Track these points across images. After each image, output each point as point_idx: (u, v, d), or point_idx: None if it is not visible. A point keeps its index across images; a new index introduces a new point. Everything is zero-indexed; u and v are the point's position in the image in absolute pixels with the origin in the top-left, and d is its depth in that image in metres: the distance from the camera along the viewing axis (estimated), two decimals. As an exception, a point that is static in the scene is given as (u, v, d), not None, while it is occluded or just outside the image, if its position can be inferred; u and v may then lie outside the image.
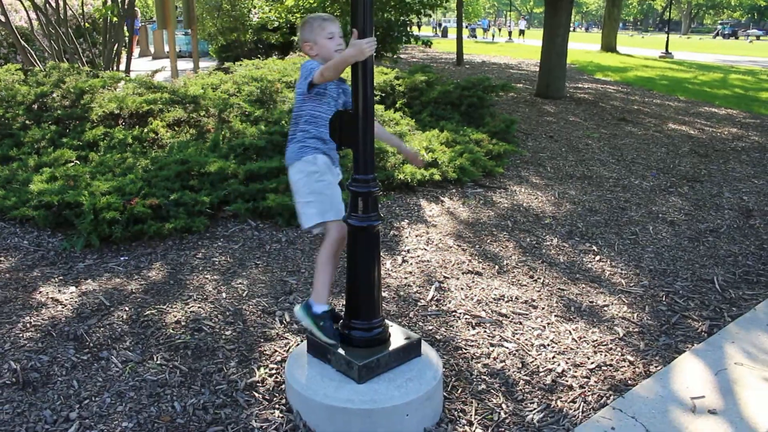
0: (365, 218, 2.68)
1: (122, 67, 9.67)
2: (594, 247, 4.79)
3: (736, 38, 59.98)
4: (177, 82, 7.64)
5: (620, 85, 15.19)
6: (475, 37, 48.30)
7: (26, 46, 9.21)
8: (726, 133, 9.45)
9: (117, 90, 6.79)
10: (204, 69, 11.00)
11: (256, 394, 2.88)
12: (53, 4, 8.92)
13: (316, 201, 2.78)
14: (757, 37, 59.97)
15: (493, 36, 52.05)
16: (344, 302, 2.86)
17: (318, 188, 2.79)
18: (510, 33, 51.57)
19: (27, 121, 6.17)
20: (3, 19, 8.77)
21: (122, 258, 4.24)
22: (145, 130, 5.92)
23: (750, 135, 9.41)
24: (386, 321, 2.86)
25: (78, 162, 5.35)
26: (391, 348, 2.75)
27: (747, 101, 13.10)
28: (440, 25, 56.99)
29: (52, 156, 5.33)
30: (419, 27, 39.85)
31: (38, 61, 9.10)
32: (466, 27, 54.08)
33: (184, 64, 12.83)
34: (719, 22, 71.56)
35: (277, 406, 2.81)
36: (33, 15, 9.49)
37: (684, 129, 9.64)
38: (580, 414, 2.88)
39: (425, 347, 2.92)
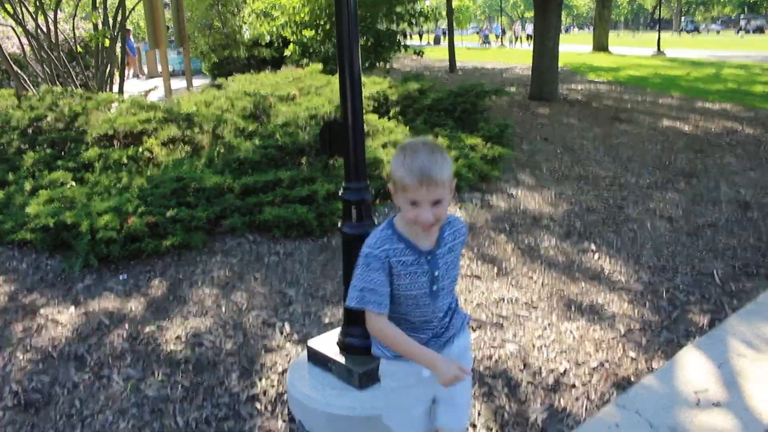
0: (359, 226, 2.69)
1: (115, 88, 9.70)
2: (593, 246, 4.79)
3: (699, 32, 65.18)
4: (170, 100, 7.67)
5: (613, 85, 15.22)
6: (489, 44, 45.44)
7: (19, 71, 9.25)
8: (720, 128, 9.46)
9: (111, 111, 6.80)
10: (197, 87, 11.04)
11: (259, 406, 2.88)
12: (44, 30, 8.97)
13: None
14: (718, 32, 62.65)
15: (512, 41, 46.72)
16: (343, 311, 2.86)
17: None
18: (501, 38, 49.60)
19: (22, 146, 6.18)
20: (-5, 46, 8.81)
21: (121, 277, 4.24)
22: (140, 149, 5.93)
23: (744, 128, 9.42)
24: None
25: (74, 183, 5.36)
26: (391, 354, 2.75)
27: (740, 95, 13.13)
28: (444, 33, 55.30)
29: (48, 179, 5.33)
30: (420, 36, 38.83)
31: (31, 86, 9.14)
32: (477, 32, 52.47)
33: (178, 83, 12.87)
34: (682, 18, 73.26)
35: (279, 416, 2.80)
36: (25, 41, 9.53)
37: (678, 125, 9.66)
38: (584, 412, 2.87)
39: (426, 352, 2.91)
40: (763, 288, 4.09)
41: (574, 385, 3.06)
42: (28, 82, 9.26)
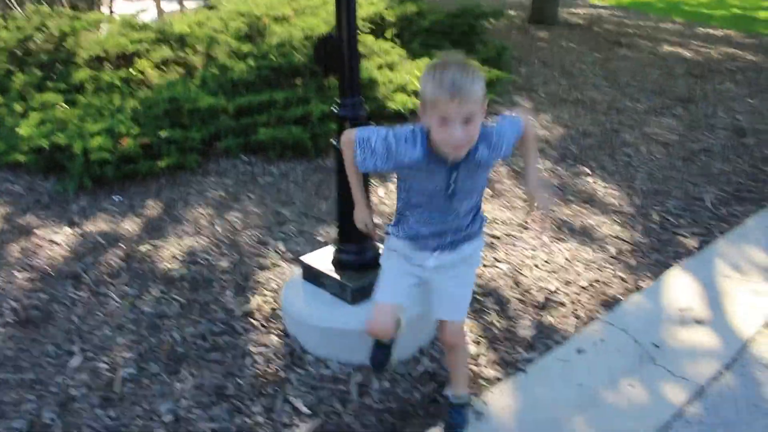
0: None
1: (105, 8, 9.45)
2: (587, 169, 4.79)
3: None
4: (162, 21, 7.48)
5: (615, 9, 14.87)
6: None
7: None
8: (722, 54, 9.31)
9: (101, 31, 6.65)
10: (190, 8, 10.74)
11: (253, 321, 2.94)
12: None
13: None
14: None
15: None
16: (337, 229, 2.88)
17: None
18: None
19: (10, 67, 6.06)
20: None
21: (115, 198, 4.25)
22: (132, 70, 5.82)
23: (746, 55, 9.27)
24: (378, 245, 2.89)
25: (65, 105, 5.29)
26: (383, 271, 2.79)
27: (745, 21, 12.85)
28: None
29: (39, 101, 5.26)
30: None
31: (16, 6, 8.88)
32: None
33: (169, 4, 12.51)
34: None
35: (273, 331, 2.87)
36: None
37: (679, 51, 9.49)
38: (572, 329, 2.95)
39: (418, 270, 2.95)
40: (753, 212, 4.13)
41: (563, 304, 3.13)
42: (13, 1, 8.99)
